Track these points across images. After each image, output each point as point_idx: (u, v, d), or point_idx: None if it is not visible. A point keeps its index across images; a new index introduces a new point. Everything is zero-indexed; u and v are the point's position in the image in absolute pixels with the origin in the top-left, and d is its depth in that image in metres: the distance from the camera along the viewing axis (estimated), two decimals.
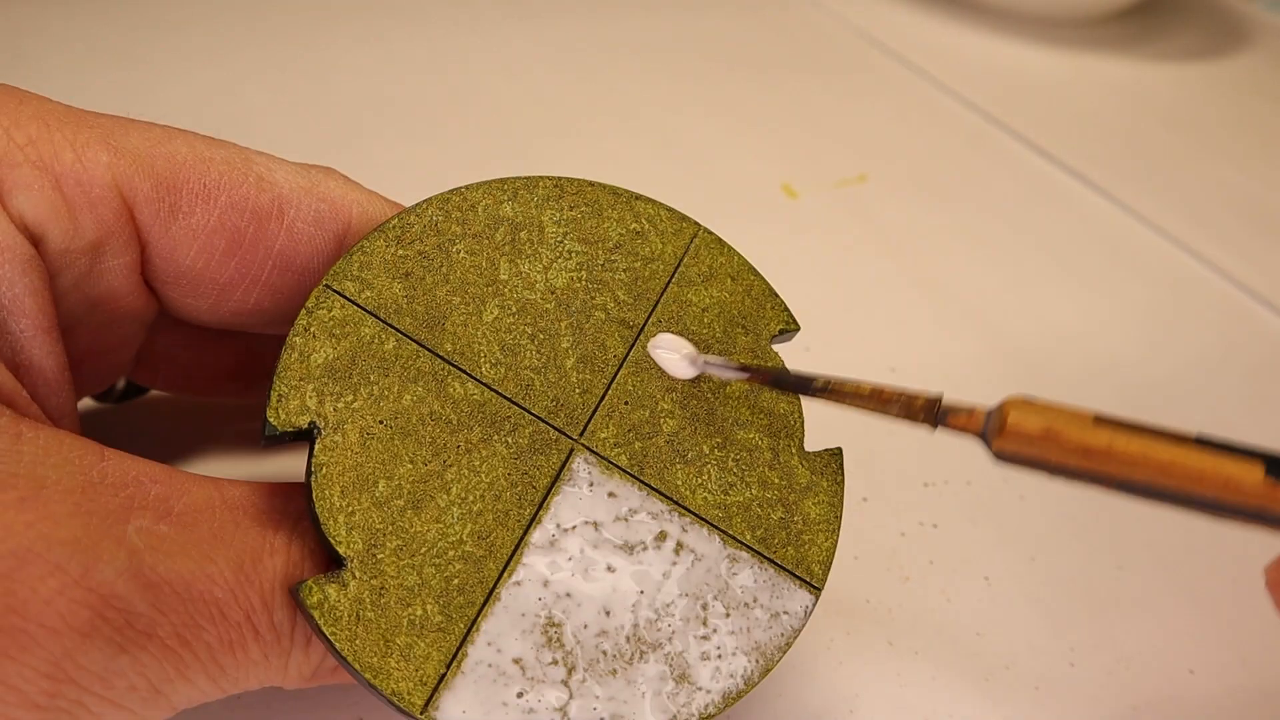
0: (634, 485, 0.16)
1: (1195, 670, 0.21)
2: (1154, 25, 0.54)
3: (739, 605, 0.16)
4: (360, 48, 0.41)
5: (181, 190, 0.16)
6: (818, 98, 0.42)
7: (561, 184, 0.17)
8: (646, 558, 0.16)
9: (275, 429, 0.15)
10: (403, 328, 0.16)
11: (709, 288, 0.18)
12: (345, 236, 0.17)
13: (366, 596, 0.14)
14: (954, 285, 0.32)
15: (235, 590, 0.14)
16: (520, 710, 0.14)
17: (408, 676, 0.14)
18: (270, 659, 0.15)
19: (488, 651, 0.14)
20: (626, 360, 0.17)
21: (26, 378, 0.15)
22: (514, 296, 0.17)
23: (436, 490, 0.15)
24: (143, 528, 0.13)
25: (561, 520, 0.15)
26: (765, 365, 0.17)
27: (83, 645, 0.12)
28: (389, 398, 0.15)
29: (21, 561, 0.12)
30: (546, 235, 0.17)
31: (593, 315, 0.17)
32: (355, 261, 0.16)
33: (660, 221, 0.18)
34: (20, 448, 0.13)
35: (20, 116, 0.15)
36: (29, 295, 0.15)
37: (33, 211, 0.15)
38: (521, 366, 0.16)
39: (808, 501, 0.17)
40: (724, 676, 0.15)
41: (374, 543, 0.15)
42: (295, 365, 0.15)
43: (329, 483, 0.15)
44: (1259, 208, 0.39)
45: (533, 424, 0.16)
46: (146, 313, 0.17)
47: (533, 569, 0.15)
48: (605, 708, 0.15)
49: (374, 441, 0.15)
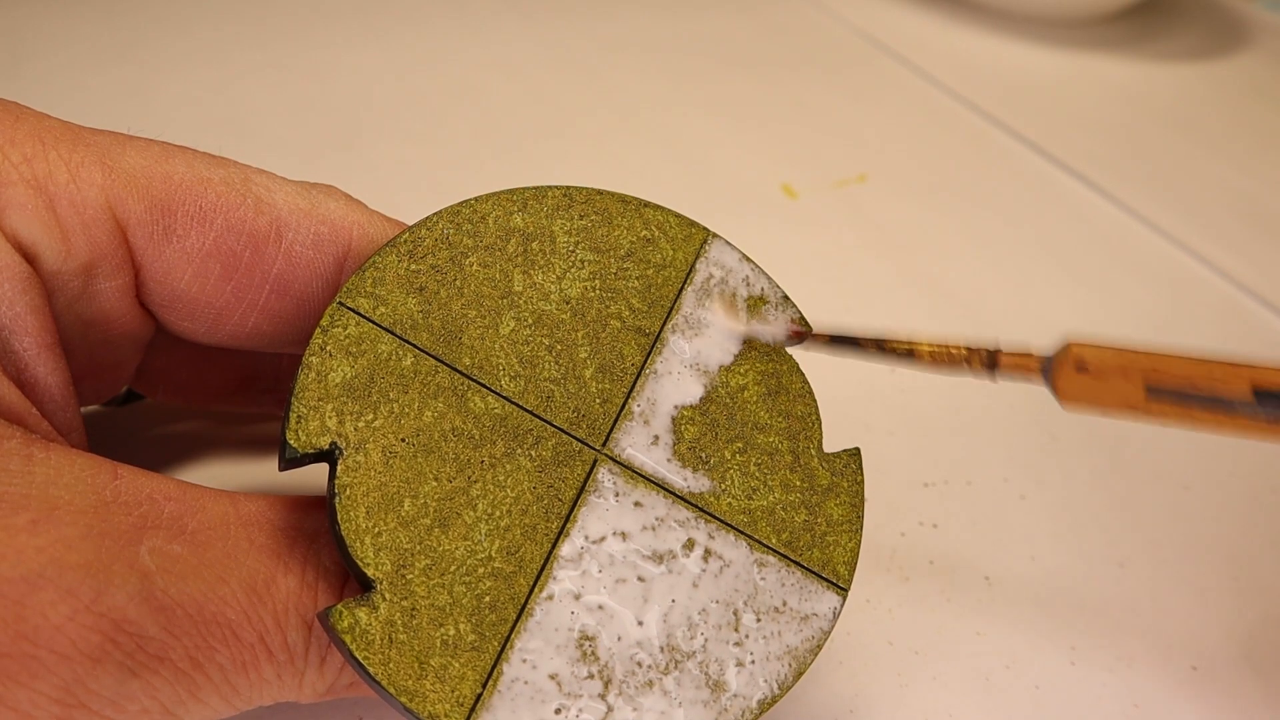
0: (659, 494, 0.16)
1: (1197, 668, 0.21)
2: (1154, 25, 0.54)
3: (769, 610, 0.16)
4: (360, 48, 0.41)
5: (176, 213, 0.16)
6: (818, 98, 0.42)
7: (570, 193, 0.17)
8: (676, 566, 0.15)
9: (296, 451, 0.14)
10: (420, 343, 0.16)
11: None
12: (345, 259, 0.17)
13: (398, 618, 0.14)
14: (954, 285, 0.32)
15: (248, 611, 0.14)
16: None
17: (444, 698, 0.14)
18: (284, 678, 0.14)
19: (523, 668, 0.14)
20: (644, 369, 0.17)
21: (32, 395, 0.15)
22: (529, 308, 0.16)
23: (463, 507, 0.15)
24: (156, 548, 0.13)
25: (589, 532, 0.15)
26: (820, 333, 0.17)
27: (94, 670, 0.12)
28: (410, 415, 0.15)
29: (33, 587, 0.12)
30: (558, 245, 0.17)
31: (609, 324, 0.17)
32: (368, 278, 0.16)
33: (670, 228, 0.18)
34: (32, 469, 0.13)
35: (16, 134, 0.15)
36: (30, 313, 0.14)
37: (26, 231, 0.14)
38: (541, 378, 0.16)
39: (830, 503, 0.17)
40: (758, 683, 0.15)
41: (403, 563, 0.14)
42: (313, 385, 0.15)
43: (353, 504, 0.14)
44: (1258, 208, 0.39)
45: (555, 436, 0.16)
46: (143, 333, 0.17)
47: (563, 583, 0.15)
48: (643, 719, 0.15)
49: (397, 460, 0.15)
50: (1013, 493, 0.25)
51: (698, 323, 0.17)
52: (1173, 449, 0.27)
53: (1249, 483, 0.26)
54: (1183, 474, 0.26)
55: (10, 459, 0.13)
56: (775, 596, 0.16)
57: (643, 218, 0.18)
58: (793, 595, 0.16)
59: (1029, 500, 0.25)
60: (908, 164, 0.39)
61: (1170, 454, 0.27)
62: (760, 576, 0.16)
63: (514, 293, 0.16)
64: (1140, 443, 0.27)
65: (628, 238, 0.17)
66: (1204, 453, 0.27)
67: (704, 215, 0.19)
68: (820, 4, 0.51)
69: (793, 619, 0.16)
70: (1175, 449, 0.27)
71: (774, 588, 0.16)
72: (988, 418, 0.27)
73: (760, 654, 0.15)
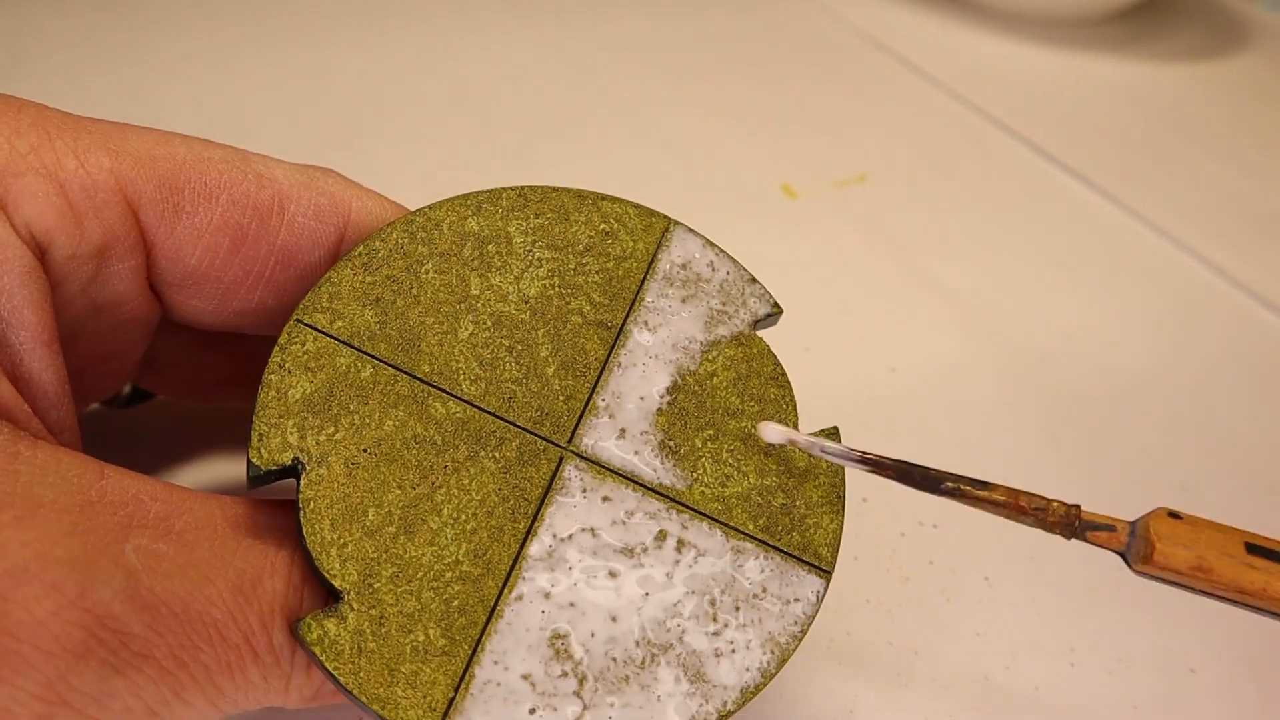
0: (628, 487, 0.16)
1: (1196, 670, 0.21)
2: (1154, 25, 0.54)
3: (748, 597, 0.16)
4: (360, 48, 0.41)
5: (184, 190, 0.16)
6: (818, 98, 0.42)
7: (525, 193, 0.17)
8: (648, 559, 0.15)
9: (260, 469, 0.15)
10: (378, 354, 0.16)
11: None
12: (346, 230, 0.17)
13: (366, 627, 0.14)
14: (954, 285, 0.32)
15: (234, 611, 0.14)
16: None
17: (415, 704, 0.14)
18: (270, 681, 0.14)
19: (495, 670, 0.14)
20: (608, 363, 0.17)
21: (26, 390, 0.15)
22: (488, 310, 0.16)
23: (428, 513, 0.15)
24: (141, 547, 0.13)
25: (557, 530, 0.15)
26: (886, 457, 0.16)
27: (77, 667, 0.12)
28: (370, 425, 0.15)
29: (16, 581, 0.12)
30: (514, 246, 0.17)
31: (569, 320, 0.17)
32: (324, 293, 0.16)
33: (629, 220, 0.18)
34: (17, 467, 0.13)
35: (20, 125, 0.15)
36: (29, 307, 0.14)
37: (39, 220, 0.15)
38: (502, 380, 0.16)
39: (808, 485, 0.16)
40: (740, 671, 0.15)
41: (369, 572, 0.14)
42: (273, 403, 0.15)
43: (318, 517, 0.15)
44: (1258, 207, 0.39)
45: (519, 436, 0.16)
46: (151, 317, 0.17)
47: (533, 582, 0.15)
48: (621, 715, 0.15)
49: (359, 471, 0.15)
50: None
51: (662, 312, 0.17)
52: (1172, 449, 0.27)
53: (1249, 483, 0.26)
54: (1183, 474, 0.26)
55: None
56: (754, 583, 0.16)
57: (600, 211, 0.18)
58: (772, 581, 0.16)
59: None
60: (908, 164, 0.39)
61: (1170, 455, 0.27)
62: (737, 564, 0.16)
63: (471, 296, 0.16)
64: (1140, 444, 0.27)
65: (585, 232, 0.17)
66: (1204, 453, 0.27)
67: (704, 215, 0.19)
68: (820, 4, 0.51)
69: (774, 605, 0.16)
70: (1175, 449, 0.27)
71: (752, 575, 0.16)
72: (988, 418, 0.27)
73: (740, 642, 0.15)
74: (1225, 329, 0.32)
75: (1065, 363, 0.30)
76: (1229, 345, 0.31)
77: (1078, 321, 0.31)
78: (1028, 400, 0.28)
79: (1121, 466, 0.26)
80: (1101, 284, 0.33)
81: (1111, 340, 0.31)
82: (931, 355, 0.29)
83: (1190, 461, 0.27)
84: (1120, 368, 0.30)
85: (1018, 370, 0.29)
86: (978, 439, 0.26)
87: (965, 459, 0.26)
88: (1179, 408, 0.28)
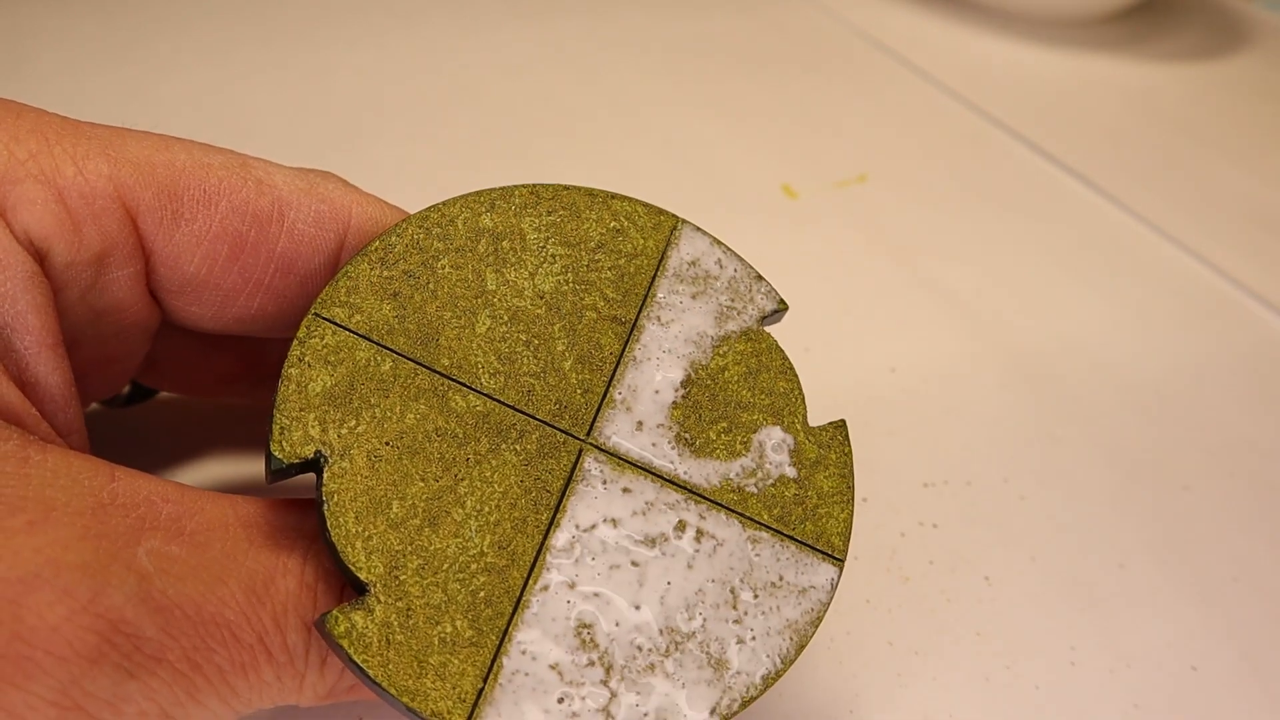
0: (647, 478, 0.16)
1: (1198, 668, 0.21)
2: (1154, 25, 0.54)
3: (766, 585, 0.16)
4: (360, 48, 0.41)
5: (183, 197, 0.16)
6: (818, 98, 0.42)
7: (537, 190, 0.17)
8: (669, 548, 0.16)
9: (282, 462, 0.15)
10: (397, 347, 0.16)
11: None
12: (346, 236, 0.17)
13: (394, 620, 0.14)
14: (954, 285, 0.32)
15: (247, 612, 0.14)
16: (564, 715, 0.14)
17: (445, 695, 0.14)
18: (284, 680, 0.14)
19: (523, 660, 0.14)
20: (623, 357, 0.17)
21: (32, 394, 0.15)
22: (504, 305, 0.17)
23: (451, 505, 0.15)
24: (153, 549, 0.13)
25: (579, 521, 0.15)
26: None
27: (90, 671, 0.12)
28: (392, 418, 0.15)
29: (29, 587, 0.12)
30: (528, 242, 0.17)
31: (584, 316, 0.17)
32: (342, 287, 0.16)
33: (638, 217, 0.18)
34: (28, 471, 0.13)
35: (19, 130, 0.15)
36: (32, 312, 0.14)
37: (38, 227, 0.15)
38: (520, 373, 0.16)
39: (819, 475, 0.17)
40: (760, 658, 0.15)
41: (395, 564, 0.14)
42: (294, 396, 0.15)
43: (342, 510, 0.15)
44: (1258, 207, 0.39)
45: (539, 429, 0.16)
46: (151, 322, 0.17)
47: (557, 573, 0.15)
48: (647, 703, 0.15)
49: (382, 464, 0.15)
50: (1013, 493, 0.25)
51: (673, 308, 0.17)
52: (1172, 449, 0.27)
53: (1249, 483, 0.26)
54: (1183, 474, 0.26)
55: (6, 460, 0.13)
56: (771, 572, 0.16)
57: (610, 209, 0.18)
58: (789, 569, 0.16)
59: (1029, 500, 0.25)
60: (908, 164, 0.39)
61: (1170, 454, 0.27)
62: (755, 553, 0.16)
63: (488, 291, 0.17)
64: (1140, 443, 0.27)
65: (597, 230, 0.17)
66: (1204, 453, 0.27)
67: (704, 215, 0.19)
68: (820, 4, 0.51)
69: (790, 593, 0.16)
70: (1175, 449, 0.27)
71: (769, 563, 0.16)
72: (988, 418, 0.27)
73: (760, 629, 0.15)
74: (1225, 328, 0.32)
75: (1064, 361, 0.30)
76: (1228, 344, 0.31)
77: (1078, 321, 0.31)
78: (1028, 400, 0.28)
79: (1121, 466, 0.26)
80: (1102, 284, 0.33)
81: (1111, 340, 0.31)
82: (932, 355, 0.29)
83: (1190, 461, 0.27)
84: (1120, 367, 0.30)
85: (1018, 370, 0.29)
86: (978, 439, 0.26)
87: (965, 459, 0.26)
88: (1180, 408, 0.28)
